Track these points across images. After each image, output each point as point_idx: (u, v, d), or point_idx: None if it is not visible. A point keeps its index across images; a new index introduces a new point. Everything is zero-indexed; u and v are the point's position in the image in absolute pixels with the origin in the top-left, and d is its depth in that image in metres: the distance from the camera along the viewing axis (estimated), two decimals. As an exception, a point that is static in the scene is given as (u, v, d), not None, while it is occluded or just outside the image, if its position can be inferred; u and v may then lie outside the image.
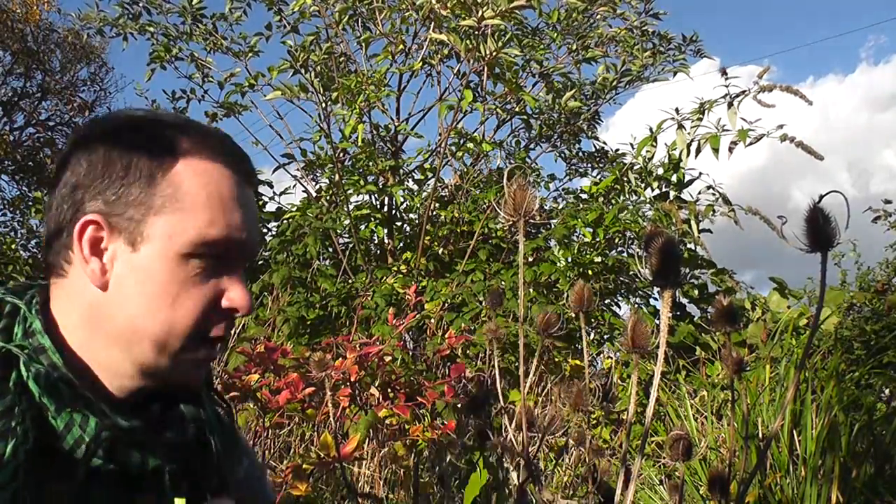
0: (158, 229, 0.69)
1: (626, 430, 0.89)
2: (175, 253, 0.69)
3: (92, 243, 0.69)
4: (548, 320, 1.01)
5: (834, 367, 2.59)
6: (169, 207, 0.70)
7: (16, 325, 0.68)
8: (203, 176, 0.71)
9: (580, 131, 5.75)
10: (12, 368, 0.65)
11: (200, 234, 0.70)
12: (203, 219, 0.70)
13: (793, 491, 2.27)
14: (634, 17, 5.08)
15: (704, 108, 3.89)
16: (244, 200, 0.74)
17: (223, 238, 0.71)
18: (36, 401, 0.65)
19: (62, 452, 0.65)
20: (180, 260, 0.69)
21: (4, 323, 0.68)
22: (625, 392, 3.37)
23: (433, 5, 4.19)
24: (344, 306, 4.26)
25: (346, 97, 4.50)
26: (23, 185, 11.01)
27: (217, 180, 0.72)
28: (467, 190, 5.29)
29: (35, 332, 0.68)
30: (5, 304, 0.70)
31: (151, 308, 0.69)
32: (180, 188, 0.70)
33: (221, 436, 0.80)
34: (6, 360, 0.65)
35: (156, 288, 0.69)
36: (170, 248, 0.69)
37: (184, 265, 0.70)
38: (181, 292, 0.69)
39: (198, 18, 5.08)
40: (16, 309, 0.69)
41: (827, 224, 0.65)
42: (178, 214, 0.70)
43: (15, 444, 0.62)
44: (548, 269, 4.18)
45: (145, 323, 0.69)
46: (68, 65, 11.47)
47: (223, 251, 0.71)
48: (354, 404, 2.48)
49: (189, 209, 0.70)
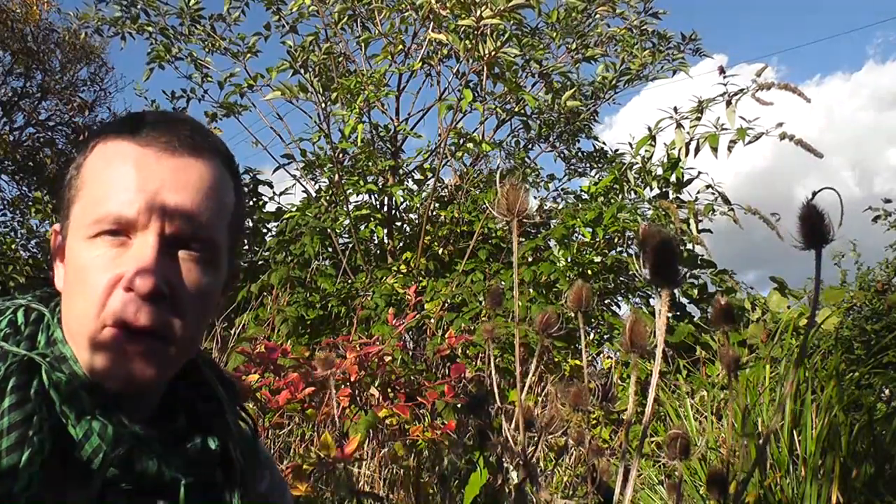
0: (72, 220, 0.70)
1: (625, 430, 0.89)
2: (80, 238, 0.68)
3: (58, 251, 0.73)
4: (547, 320, 1.01)
5: (834, 367, 2.59)
6: (77, 196, 0.70)
7: (40, 332, 0.69)
8: (101, 158, 0.70)
9: (579, 131, 5.76)
10: (34, 376, 0.65)
11: (90, 214, 0.67)
12: (93, 198, 0.68)
13: (793, 491, 2.27)
14: (634, 17, 5.09)
15: (703, 107, 3.89)
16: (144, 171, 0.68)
17: (108, 216, 0.66)
18: (56, 409, 0.65)
19: (79, 462, 0.65)
20: (86, 245, 0.67)
21: (29, 331, 0.69)
22: (624, 392, 3.37)
23: (432, 5, 4.19)
24: (343, 306, 4.26)
25: (345, 97, 4.50)
26: (23, 185, 11.00)
27: (113, 158, 0.69)
28: (467, 190, 5.29)
29: (57, 341, 0.68)
30: (31, 312, 0.70)
31: (72, 297, 0.68)
32: (84, 176, 0.70)
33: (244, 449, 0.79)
34: (28, 367, 0.65)
35: (72, 278, 0.68)
36: (77, 235, 0.68)
37: (89, 250, 0.67)
38: (87, 276, 0.66)
39: (196, 19, 5.08)
40: (41, 317, 0.70)
41: (821, 221, 0.65)
42: (80, 201, 0.69)
43: (31, 454, 0.62)
44: (547, 268, 4.18)
45: (70, 312, 0.68)
46: (68, 65, 11.46)
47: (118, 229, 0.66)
48: (354, 404, 2.48)
49: (85, 192, 0.69)
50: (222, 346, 3.53)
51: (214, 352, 3.49)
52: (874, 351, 3.65)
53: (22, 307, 0.71)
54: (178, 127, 0.71)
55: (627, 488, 0.77)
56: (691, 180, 4.37)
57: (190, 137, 0.71)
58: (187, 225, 0.68)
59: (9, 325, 0.69)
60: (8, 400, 0.63)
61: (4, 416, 0.62)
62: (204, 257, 0.69)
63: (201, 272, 0.69)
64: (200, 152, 0.71)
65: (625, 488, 0.79)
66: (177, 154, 0.69)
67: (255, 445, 0.84)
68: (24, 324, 0.69)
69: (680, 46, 5.23)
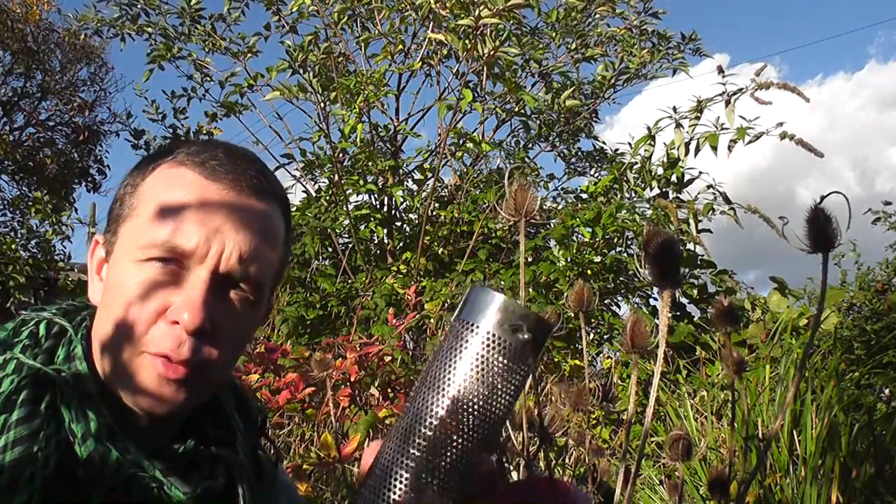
0: (121, 237, 0.69)
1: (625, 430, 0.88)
2: (129, 259, 0.67)
3: (98, 264, 0.73)
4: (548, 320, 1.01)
5: (834, 367, 2.59)
6: (131, 215, 0.69)
7: (60, 347, 0.68)
8: (165, 181, 0.69)
9: (579, 130, 5.76)
10: (47, 391, 0.65)
11: (145, 237, 0.67)
12: (149, 221, 0.68)
13: (793, 491, 2.27)
14: (634, 17, 5.08)
15: (702, 107, 3.89)
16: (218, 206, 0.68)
17: (163, 243, 0.66)
18: (66, 426, 0.64)
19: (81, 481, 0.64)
20: (134, 267, 0.67)
21: (49, 344, 0.68)
22: (625, 392, 3.37)
23: (432, 5, 4.18)
24: (343, 306, 4.26)
25: (345, 97, 4.49)
26: (23, 185, 11.00)
27: (178, 185, 0.68)
28: (467, 190, 5.29)
29: (76, 357, 0.67)
30: (53, 326, 0.69)
31: (111, 315, 0.67)
32: (143, 195, 0.69)
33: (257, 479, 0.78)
34: (42, 382, 0.65)
35: (115, 296, 0.67)
36: (126, 255, 0.68)
37: (139, 272, 0.67)
38: (133, 300, 0.66)
39: (196, 19, 5.08)
40: (63, 331, 0.69)
41: (828, 225, 0.65)
42: (134, 220, 0.69)
43: (34, 470, 0.61)
44: (547, 268, 4.18)
45: (106, 331, 0.67)
46: (68, 65, 11.46)
47: (171, 258, 0.66)
48: (354, 404, 2.48)
49: (142, 214, 0.69)
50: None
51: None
52: (874, 351, 3.65)
53: (45, 320, 0.70)
54: (247, 165, 0.71)
55: (629, 489, 0.77)
56: (692, 180, 4.36)
57: (256, 178, 0.70)
58: (240, 266, 0.68)
59: (29, 337, 0.68)
60: (17, 413, 0.62)
61: (11, 430, 0.62)
62: (249, 298, 0.70)
63: (245, 312, 0.70)
64: (264, 195, 0.71)
65: (626, 489, 0.78)
66: (242, 194, 0.69)
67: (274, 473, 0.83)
68: (44, 336, 0.68)
69: (680, 46, 5.23)
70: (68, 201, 10.40)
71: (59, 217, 6.38)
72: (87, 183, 11.14)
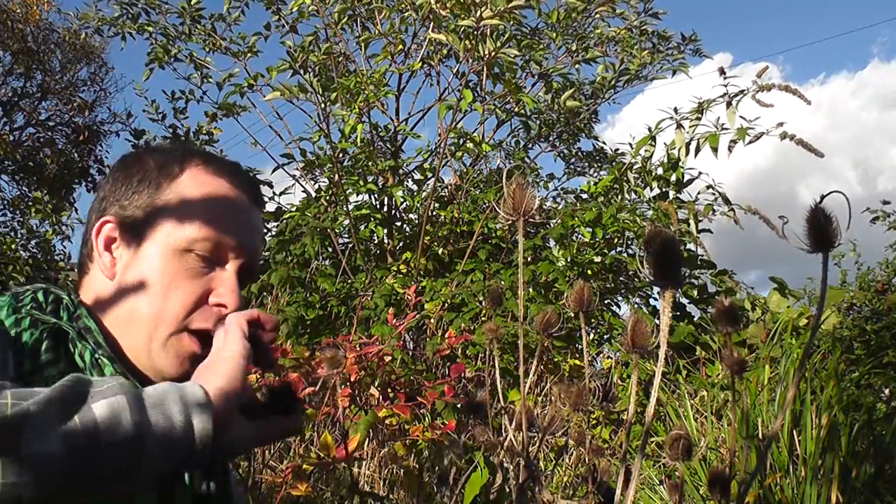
0: (160, 227, 0.80)
1: (626, 430, 0.88)
2: (171, 248, 0.79)
3: (106, 241, 0.82)
4: (547, 320, 1.01)
5: (834, 367, 2.59)
6: (170, 209, 0.81)
7: (61, 310, 0.77)
8: (203, 185, 0.82)
9: (579, 131, 5.76)
10: (62, 343, 0.74)
11: (194, 233, 0.79)
12: (198, 219, 0.80)
13: (793, 491, 2.27)
14: (633, 17, 5.08)
15: (703, 108, 3.89)
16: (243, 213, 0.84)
17: (214, 238, 0.80)
18: None
19: None
20: (176, 255, 0.79)
21: (52, 307, 0.77)
22: (625, 392, 3.37)
23: (432, 5, 4.18)
24: (343, 306, 4.26)
25: (345, 97, 4.49)
26: (23, 185, 10.99)
27: (216, 190, 0.83)
28: (467, 190, 5.29)
29: (81, 316, 0.77)
30: (50, 294, 0.78)
31: (148, 296, 0.78)
32: (182, 193, 0.81)
33: None
34: (56, 334, 0.74)
35: (153, 278, 0.79)
36: (167, 244, 0.79)
37: (178, 260, 0.79)
38: (174, 284, 0.78)
39: (196, 19, 5.08)
40: (59, 298, 0.78)
41: (828, 224, 0.65)
42: (176, 214, 0.80)
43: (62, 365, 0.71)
44: (546, 268, 4.18)
45: (142, 309, 0.78)
46: (68, 65, 11.46)
47: (214, 251, 0.80)
48: (354, 404, 2.48)
49: (187, 210, 0.80)
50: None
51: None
52: (874, 351, 3.65)
53: (41, 289, 0.78)
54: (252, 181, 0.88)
55: (629, 489, 0.77)
56: (692, 180, 4.36)
57: (257, 192, 0.88)
58: (251, 262, 0.84)
59: (32, 302, 0.76)
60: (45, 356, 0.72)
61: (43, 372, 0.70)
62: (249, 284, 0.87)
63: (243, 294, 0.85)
64: (261, 206, 0.90)
65: (626, 489, 0.78)
66: (254, 206, 0.87)
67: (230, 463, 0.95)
68: (44, 302, 0.77)
69: (680, 47, 5.23)
70: (68, 201, 10.39)
71: (59, 217, 6.38)
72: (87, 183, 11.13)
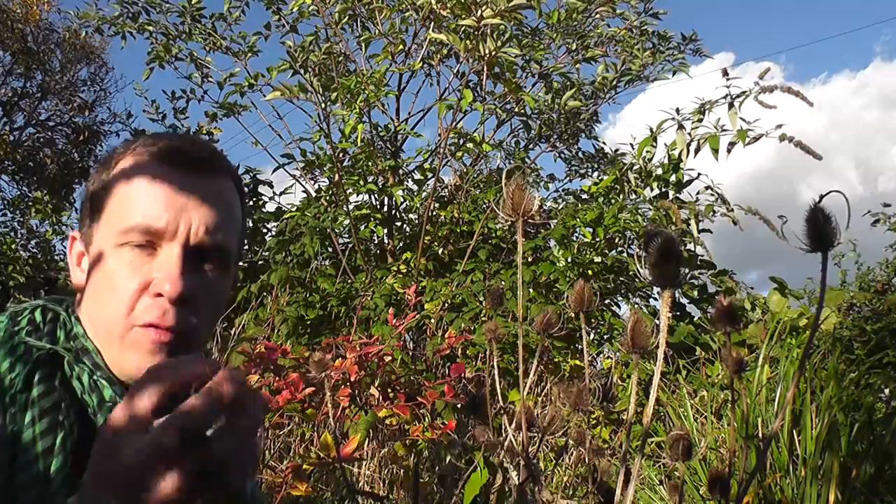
0: (97, 230, 0.78)
1: (626, 430, 0.88)
2: (110, 247, 0.76)
3: (77, 257, 0.81)
4: (548, 320, 1.01)
5: (834, 367, 2.59)
6: (103, 210, 0.78)
7: (58, 329, 0.76)
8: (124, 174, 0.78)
9: (580, 131, 5.75)
10: (58, 368, 0.73)
11: (122, 224, 0.75)
12: (121, 212, 0.76)
13: (793, 491, 2.27)
14: (634, 17, 5.08)
15: (705, 109, 3.89)
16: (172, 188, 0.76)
17: (137, 226, 0.74)
18: (78, 398, 0.72)
19: None
20: (113, 253, 0.75)
21: (48, 328, 0.76)
22: (625, 392, 3.37)
23: (433, 5, 4.18)
24: (343, 306, 4.26)
25: (345, 97, 4.49)
26: (23, 185, 11.00)
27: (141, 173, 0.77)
28: (467, 190, 5.29)
29: (78, 336, 0.76)
30: (48, 312, 0.77)
31: (100, 299, 0.76)
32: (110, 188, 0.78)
33: None
34: (51, 361, 0.73)
35: (100, 280, 0.76)
36: (104, 244, 0.77)
37: (115, 258, 0.75)
38: (112, 284, 0.75)
39: (197, 18, 5.08)
40: (57, 316, 0.77)
41: (827, 224, 0.65)
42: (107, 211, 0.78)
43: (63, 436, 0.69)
44: (547, 268, 4.18)
45: (98, 313, 0.76)
46: (68, 65, 11.46)
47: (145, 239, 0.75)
48: (354, 404, 2.48)
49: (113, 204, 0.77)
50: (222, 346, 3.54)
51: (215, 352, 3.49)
52: (874, 351, 3.65)
53: (39, 307, 0.78)
54: (199, 149, 0.80)
55: (629, 489, 0.77)
56: (692, 181, 4.36)
57: (209, 160, 0.80)
58: (207, 237, 0.77)
59: (29, 324, 0.75)
60: (36, 390, 0.70)
61: (35, 405, 0.69)
62: (219, 265, 0.78)
63: (217, 278, 0.78)
64: (217, 172, 0.81)
65: (626, 489, 0.78)
66: (200, 174, 0.78)
67: None
68: (42, 322, 0.76)
69: (680, 47, 5.23)
70: (68, 201, 10.41)
71: (59, 217, 6.39)
72: (88, 183, 11.13)
